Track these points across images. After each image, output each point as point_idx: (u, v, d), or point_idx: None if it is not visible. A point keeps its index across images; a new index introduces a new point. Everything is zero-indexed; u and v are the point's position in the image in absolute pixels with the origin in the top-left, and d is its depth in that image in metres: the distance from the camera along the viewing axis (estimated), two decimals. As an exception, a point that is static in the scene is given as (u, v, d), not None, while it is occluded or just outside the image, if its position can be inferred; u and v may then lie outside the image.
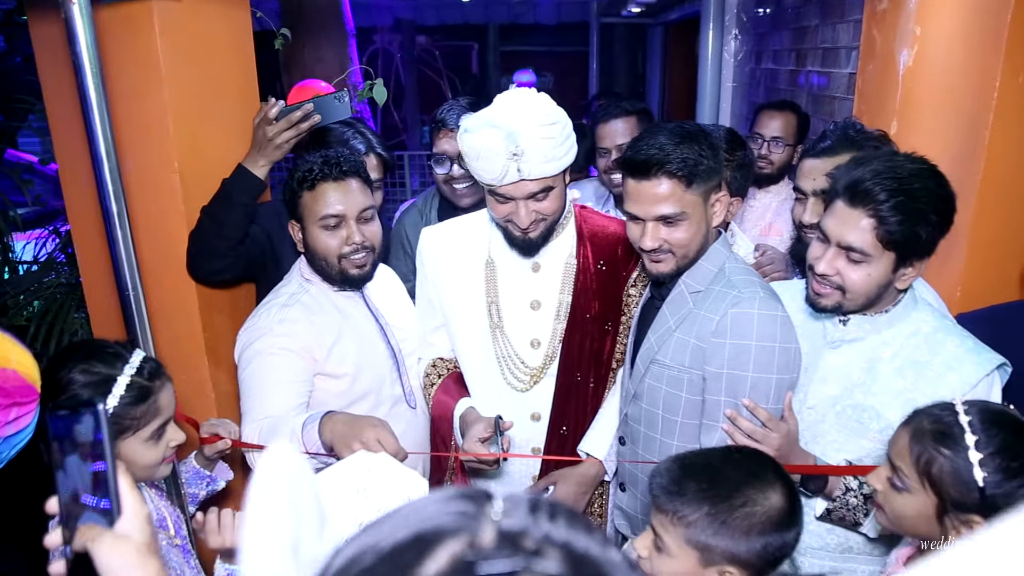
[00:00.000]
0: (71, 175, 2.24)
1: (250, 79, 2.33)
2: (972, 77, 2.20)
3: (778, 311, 1.60)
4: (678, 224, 1.62)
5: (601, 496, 2.06)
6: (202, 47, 2.13)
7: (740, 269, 1.69)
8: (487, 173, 1.73)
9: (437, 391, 2.03)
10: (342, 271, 1.93)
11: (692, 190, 1.60)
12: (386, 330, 2.05)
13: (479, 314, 1.97)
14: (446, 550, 0.47)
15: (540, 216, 1.82)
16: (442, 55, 12.31)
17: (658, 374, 1.73)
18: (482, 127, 1.71)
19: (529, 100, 1.74)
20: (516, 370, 1.97)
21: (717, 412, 1.63)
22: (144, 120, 2.05)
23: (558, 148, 1.74)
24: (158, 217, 2.12)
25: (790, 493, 1.27)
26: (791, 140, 2.98)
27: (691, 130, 1.63)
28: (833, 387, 1.66)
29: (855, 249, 1.51)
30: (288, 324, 1.87)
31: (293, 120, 2.03)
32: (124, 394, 1.37)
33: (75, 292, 3.21)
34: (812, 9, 3.96)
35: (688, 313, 1.68)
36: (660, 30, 9.66)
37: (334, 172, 1.87)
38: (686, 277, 1.70)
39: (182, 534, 1.63)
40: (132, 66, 2.03)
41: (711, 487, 1.26)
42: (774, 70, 4.61)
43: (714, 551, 1.23)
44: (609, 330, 1.98)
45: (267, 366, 1.84)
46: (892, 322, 1.62)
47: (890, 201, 1.46)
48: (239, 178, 2.07)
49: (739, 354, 1.59)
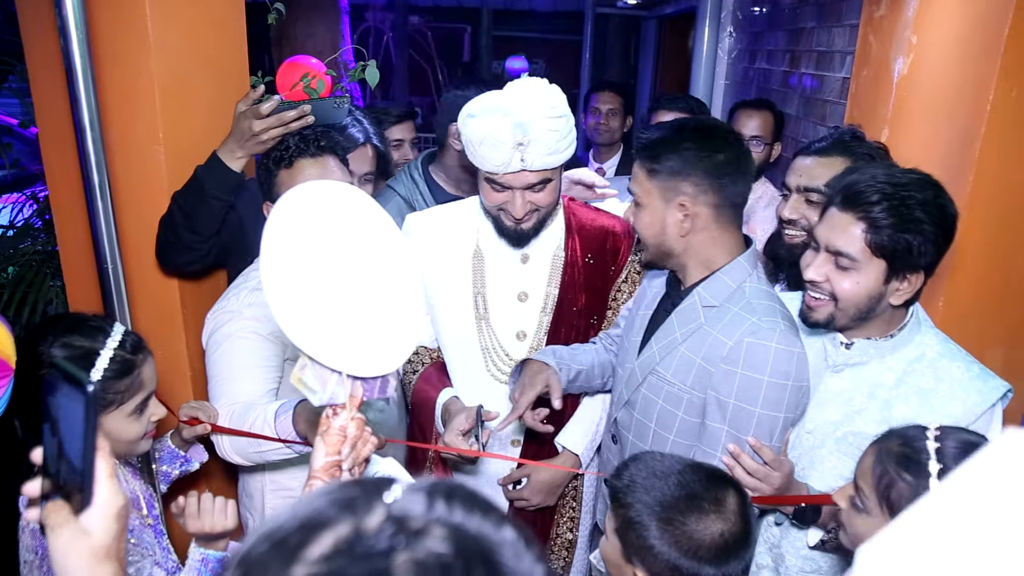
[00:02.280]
0: (52, 141, 2.18)
1: (241, 53, 2.28)
2: (966, 89, 2.21)
3: (796, 347, 1.52)
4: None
5: (575, 489, 2.06)
6: (192, 16, 2.08)
7: (762, 292, 1.60)
8: (489, 161, 1.71)
9: (418, 380, 2.00)
10: None
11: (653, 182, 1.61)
12: None
13: (465, 304, 1.95)
14: (332, 534, 0.50)
15: (535, 207, 1.81)
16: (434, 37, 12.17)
17: (656, 387, 1.67)
18: (490, 113, 1.68)
19: (540, 90, 1.71)
20: (500, 362, 1.95)
21: (717, 442, 1.57)
22: (130, 89, 2.00)
23: (562, 141, 1.72)
24: (141, 189, 2.07)
25: (740, 533, 1.24)
26: (768, 139, 3.00)
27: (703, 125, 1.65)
28: (833, 412, 1.61)
29: (843, 254, 1.48)
30: (257, 308, 1.81)
31: (285, 120, 1.92)
32: (107, 368, 1.35)
33: (52, 260, 3.14)
34: (808, 11, 3.95)
35: (698, 328, 1.60)
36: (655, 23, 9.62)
37: (311, 148, 1.82)
38: (701, 288, 1.62)
39: (154, 513, 1.61)
40: (119, 31, 1.97)
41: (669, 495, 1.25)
42: (767, 70, 4.60)
43: (630, 549, 1.25)
44: (595, 323, 1.98)
45: (237, 350, 1.79)
46: (896, 347, 1.58)
47: (881, 205, 1.44)
48: (213, 170, 1.94)
49: (750, 387, 1.51)
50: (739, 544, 1.23)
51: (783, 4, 4.41)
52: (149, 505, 1.59)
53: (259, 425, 1.67)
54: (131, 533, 1.44)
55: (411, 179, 2.54)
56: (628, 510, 1.26)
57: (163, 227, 2.02)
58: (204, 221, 1.97)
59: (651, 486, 1.26)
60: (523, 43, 12.30)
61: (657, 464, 1.31)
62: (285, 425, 1.62)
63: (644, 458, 1.34)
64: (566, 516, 2.07)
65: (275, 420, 1.67)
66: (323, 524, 0.50)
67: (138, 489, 1.58)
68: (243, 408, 1.74)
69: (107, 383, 1.35)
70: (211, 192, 1.93)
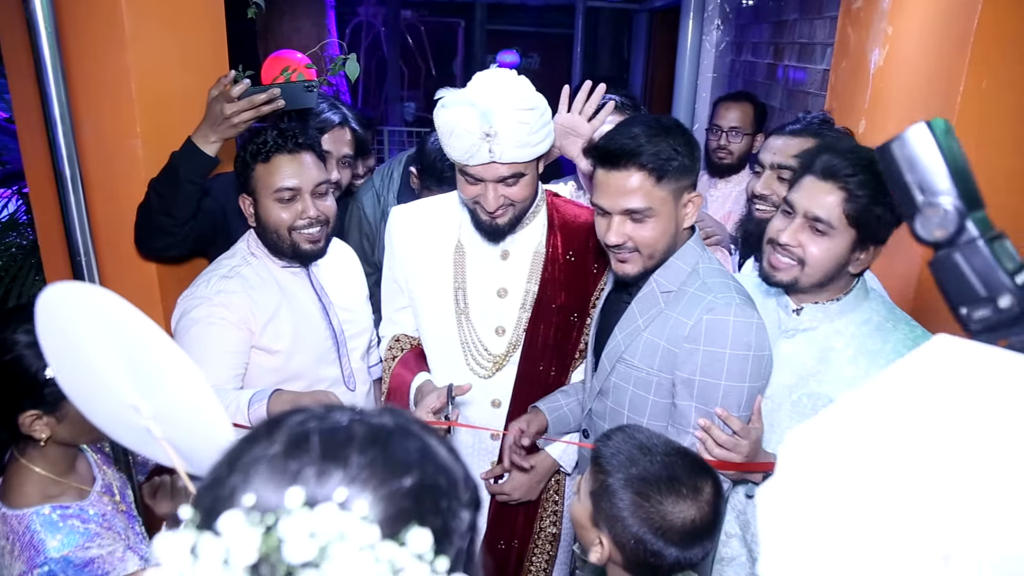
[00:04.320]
0: (28, 137, 2.20)
1: (220, 45, 2.30)
2: (938, 80, 2.23)
3: (754, 318, 1.57)
4: (645, 221, 1.58)
5: (557, 483, 2.08)
6: (168, 10, 2.10)
7: (715, 271, 1.65)
8: (458, 151, 1.71)
9: (397, 365, 2.02)
10: (294, 244, 1.89)
11: (662, 186, 1.56)
12: (328, 310, 2.02)
13: (445, 298, 1.96)
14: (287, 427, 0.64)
15: (508, 201, 1.80)
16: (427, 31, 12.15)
17: (625, 374, 1.70)
18: (458, 103, 1.69)
19: (507, 82, 1.71)
20: (479, 356, 1.97)
21: (688, 418, 1.61)
22: (105, 82, 2.02)
23: (533, 135, 1.71)
24: (118, 182, 2.09)
25: (709, 522, 1.27)
26: (749, 130, 3.03)
27: (668, 124, 1.60)
28: (788, 376, 1.68)
29: (822, 220, 1.55)
30: (225, 295, 1.84)
31: (256, 102, 1.94)
32: None
33: (36, 254, 3.16)
34: (791, 4, 3.97)
35: (659, 313, 1.64)
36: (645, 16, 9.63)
37: (289, 144, 1.82)
38: (657, 275, 1.66)
39: (127, 500, 1.63)
40: (94, 26, 1.99)
41: (651, 472, 1.27)
42: (753, 62, 4.62)
43: (600, 514, 1.28)
44: (575, 321, 1.98)
45: (205, 335, 1.81)
46: (844, 311, 1.65)
47: (858, 177, 1.52)
48: (187, 154, 1.98)
49: (712, 362, 1.56)
50: (705, 532, 1.26)
51: (768, -3, 4.43)
52: (122, 492, 1.61)
53: (231, 412, 1.69)
54: (103, 519, 1.46)
55: (389, 173, 2.56)
56: (608, 476, 1.29)
57: (140, 213, 2.04)
58: (179, 205, 1.99)
59: (636, 459, 1.28)
60: (517, 37, 12.29)
61: (645, 440, 1.33)
62: (260, 412, 1.65)
63: (634, 431, 1.36)
64: (549, 511, 2.09)
65: (248, 407, 1.69)
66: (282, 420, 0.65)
67: (111, 476, 1.60)
68: None
69: None
70: (186, 176, 1.96)
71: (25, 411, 1.34)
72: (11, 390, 1.32)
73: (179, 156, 1.98)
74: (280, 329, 1.91)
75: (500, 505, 2.03)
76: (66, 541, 1.35)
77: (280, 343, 1.91)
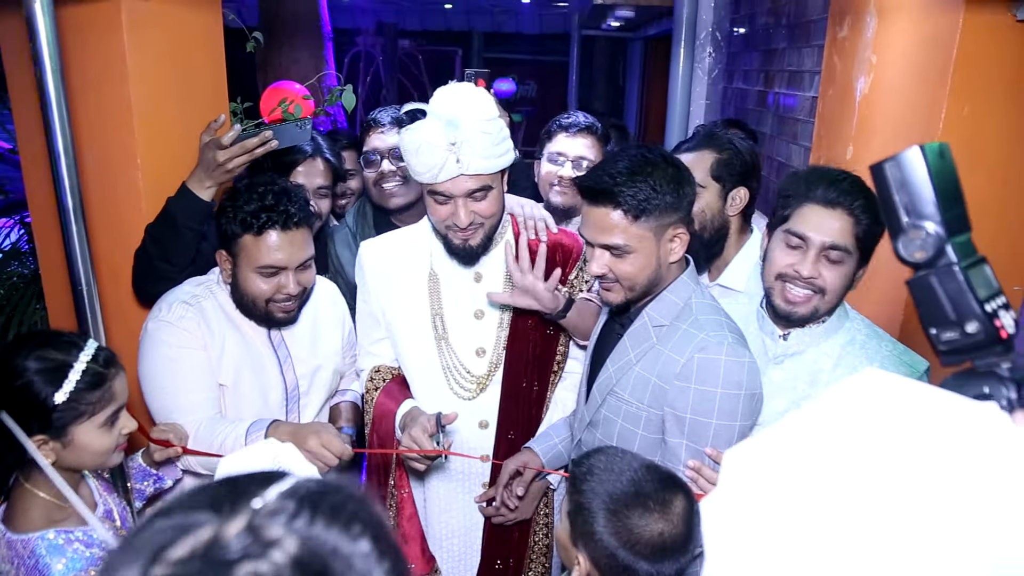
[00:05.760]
0: (32, 167, 2.24)
1: (219, 78, 2.34)
2: (921, 107, 2.28)
3: (745, 358, 1.57)
4: (624, 256, 1.60)
5: (546, 495, 2.10)
6: (171, 46, 2.14)
7: (708, 307, 1.66)
8: (426, 167, 1.74)
9: (380, 394, 2.05)
10: (268, 313, 1.88)
11: (640, 224, 1.57)
12: (283, 364, 1.97)
13: (424, 326, 1.99)
14: (194, 538, 0.52)
15: (479, 220, 1.84)
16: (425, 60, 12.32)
17: (615, 407, 1.71)
18: (422, 121, 1.74)
19: (468, 93, 1.76)
20: (462, 379, 2.00)
21: (678, 456, 1.61)
22: (108, 116, 2.06)
23: (496, 146, 1.76)
24: (120, 213, 2.13)
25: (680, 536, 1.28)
26: None
27: (654, 161, 1.59)
28: (780, 402, 1.69)
29: (839, 248, 1.59)
30: (186, 322, 1.83)
31: (248, 148, 1.93)
32: (79, 380, 1.40)
33: (37, 283, 3.19)
34: (781, 32, 4.05)
35: (651, 348, 1.65)
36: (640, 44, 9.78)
37: (282, 221, 1.78)
38: (649, 309, 1.66)
39: (128, 526, 1.65)
40: (97, 62, 2.03)
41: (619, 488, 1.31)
42: (744, 90, 4.70)
43: (576, 533, 1.32)
44: (552, 334, 2.02)
45: (179, 362, 1.81)
46: (828, 333, 1.69)
47: (859, 201, 1.58)
48: (183, 201, 1.96)
49: (704, 401, 1.56)
50: (677, 547, 1.28)
51: (758, 25, 4.51)
52: (123, 518, 1.63)
53: (229, 444, 1.72)
54: (104, 546, 1.48)
55: (363, 211, 2.55)
56: (581, 496, 1.32)
57: (138, 259, 2.04)
58: (178, 251, 1.98)
59: (605, 477, 1.32)
60: (514, 65, 12.46)
61: (617, 458, 1.36)
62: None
63: (607, 450, 1.40)
64: (540, 523, 2.11)
65: (246, 438, 1.72)
66: (189, 528, 0.53)
67: (111, 503, 1.62)
68: (208, 424, 1.78)
69: (79, 394, 1.40)
70: (183, 223, 1.95)
71: (33, 435, 1.38)
72: (21, 414, 1.35)
73: (175, 202, 1.97)
74: (226, 366, 1.88)
75: (494, 525, 2.05)
76: (71, 565, 1.36)
77: (226, 377, 1.88)
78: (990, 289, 0.77)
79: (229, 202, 1.81)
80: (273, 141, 1.96)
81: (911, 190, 0.77)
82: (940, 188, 0.76)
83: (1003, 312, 0.76)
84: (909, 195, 0.77)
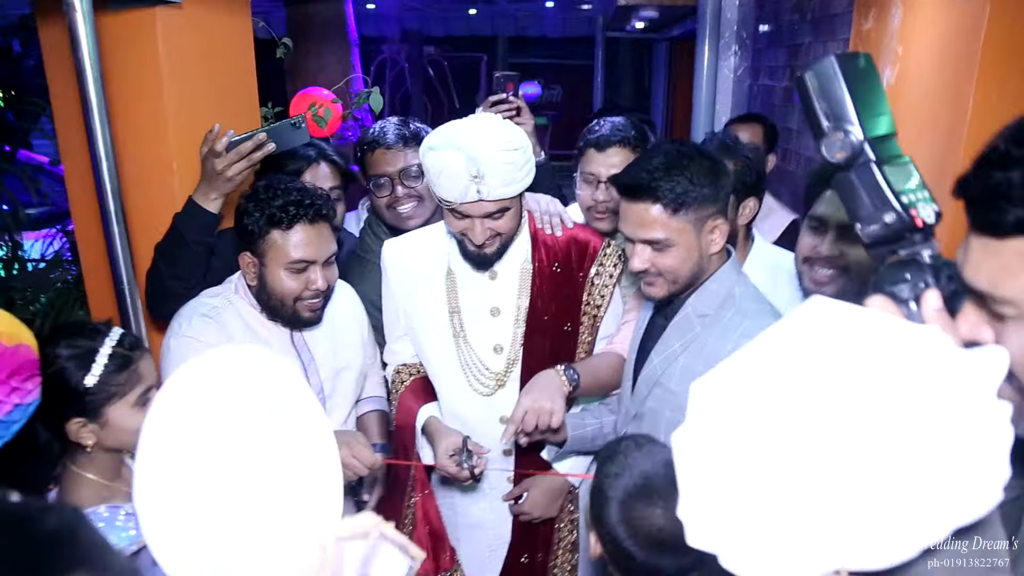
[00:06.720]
0: (75, 175, 2.32)
1: (251, 84, 2.41)
2: (948, 96, 2.26)
3: None
4: (665, 250, 1.61)
5: (571, 492, 2.12)
6: (203, 54, 2.21)
7: (751, 295, 1.67)
8: (448, 191, 1.76)
9: (401, 397, 2.09)
10: (295, 312, 1.87)
11: (679, 217, 1.58)
12: (308, 368, 1.95)
13: (442, 323, 2.02)
14: None
15: (495, 233, 1.86)
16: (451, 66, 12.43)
17: (661, 398, 1.71)
18: (445, 147, 1.74)
19: (492, 126, 1.77)
20: (480, 376, 2.02)
21: None
22: (144, 122, 2.13)
23: (518, 172, 1.78)
24: (155, 216, 2.19)
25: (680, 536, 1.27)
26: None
27: (689, 154, 1.61)
28: None
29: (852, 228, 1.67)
30: (208, 335, 1.81)
31: (244, 152, 1.90)
32: (108, 363, 1.48)
33: (79, 289, 3.30)
34: (805, 27, 4.03)
35: (695, 338, 1.66)
36: (665, 45, 9.76)
37: (310, 214, 1.79)
38: (694, 299, 1.68)
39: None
40: (134, 70, 2.11)
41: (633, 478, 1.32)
42: (770, 86, 4.68)
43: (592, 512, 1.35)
44: (569, 330, 2.03)
45: None
46: None
47: None
48: (190, 215, 1.95)
49: None
50: (677, 544, 1.23)
51: (782, 21, 4.49)
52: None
53: None
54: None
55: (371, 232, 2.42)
56: (598, 478, 1.36)
57: (149, 280, 2.03)
58: (188, 267, 1.98)
59: (625, 464, 1.34)
60: (539, 69, 12.50)
61: (644, 448, 1.38)
62: None
63: (638, 439, 1.41)
64: (565, 519, 2.13)
65: None
66: None
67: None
68: None
69: (108, 376, 1.48)
70: (192, 237, 1.95)
71: (71, 419, 1.46)
72: (56, 400, 1.42)
73: (182, 217, 1.97)
74: None
75: (521, 521, 2.08)
76: (124, 536, 1.42)
77: None
78: (910, 183, 0.83)
79: (251, 202, 1.81)
80: (269, 144, 1.94)
81: (829, 96, 0.83)
82: (857, 93, 0.82)
83: (922, 204, 0.81)
84: (827, 101, 0.83)
